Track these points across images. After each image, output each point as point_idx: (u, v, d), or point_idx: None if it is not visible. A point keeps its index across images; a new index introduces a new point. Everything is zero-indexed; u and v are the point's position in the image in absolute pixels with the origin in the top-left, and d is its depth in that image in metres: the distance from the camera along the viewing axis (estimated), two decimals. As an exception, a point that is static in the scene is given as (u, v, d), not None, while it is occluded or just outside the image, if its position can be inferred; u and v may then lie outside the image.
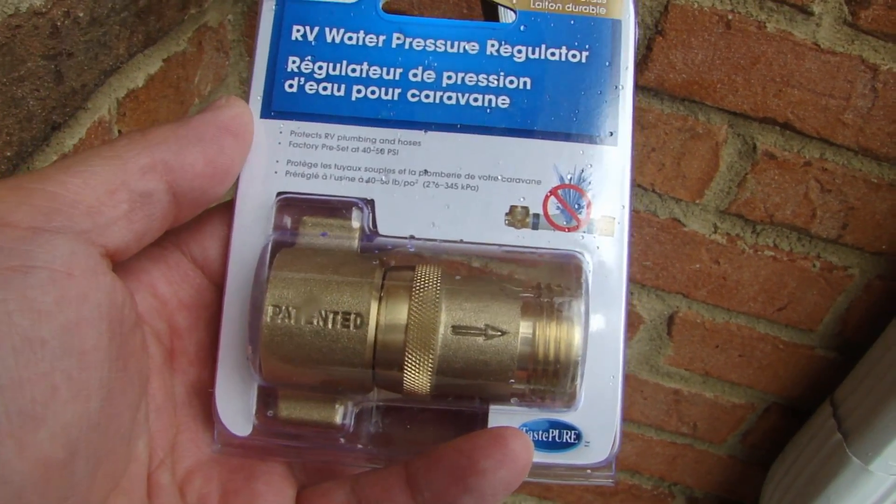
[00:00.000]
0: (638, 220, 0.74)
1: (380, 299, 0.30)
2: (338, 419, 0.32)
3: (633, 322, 0.82)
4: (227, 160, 0.30)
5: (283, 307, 0.29)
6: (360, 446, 0.33)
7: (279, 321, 0.29)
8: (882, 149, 0.66)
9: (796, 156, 0.68)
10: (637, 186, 0.71)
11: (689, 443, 0.93)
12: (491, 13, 0.40)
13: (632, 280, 0.78)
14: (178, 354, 0.33)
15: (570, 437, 0.32)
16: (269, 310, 0.29)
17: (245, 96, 0.34)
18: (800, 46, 0.62)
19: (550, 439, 0.32)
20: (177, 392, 0.32)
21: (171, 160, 0.29)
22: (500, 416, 0.32)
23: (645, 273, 0.77)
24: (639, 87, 0.66)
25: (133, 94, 0.52)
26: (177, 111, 0.60)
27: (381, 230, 0.33)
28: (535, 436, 0.32)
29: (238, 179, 0.33)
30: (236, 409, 0.32)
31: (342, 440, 0.32)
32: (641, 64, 0.64)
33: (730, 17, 0.61)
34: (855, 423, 0.74)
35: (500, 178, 0.33)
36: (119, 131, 0.51)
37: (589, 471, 0.32)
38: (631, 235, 0.33)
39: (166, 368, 0.32)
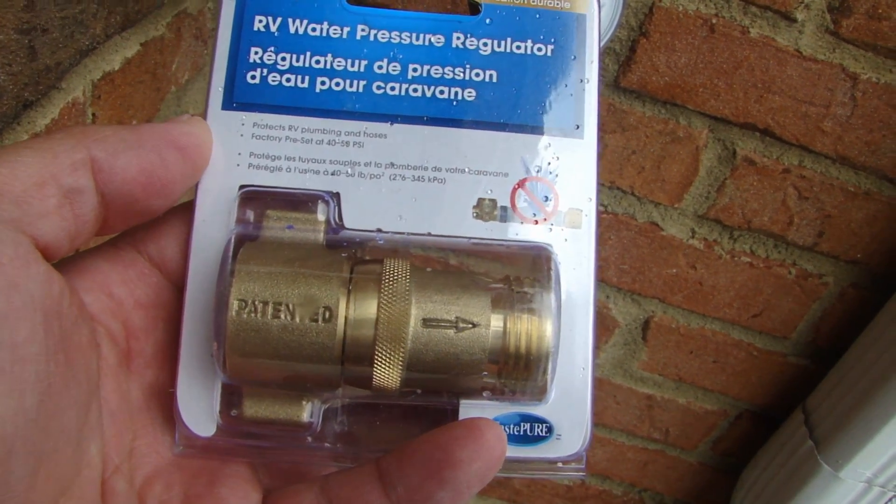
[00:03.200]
0: (616, 223, 0.73)
1: (348, 293, 0.29)
2: (304, 417, 0.31)
3: (608, 326, 0.82)
4: (166, 174, 0.29)
5: (249, 301, 0.28)
6: (327, 445, 0.32)
7: (245, 316, 0.28)
8: (860, 158, 0.66)
9: (775, 162, 0.68)
10: (616, 189, 0.71)
11: (660, 448, 0.93)
12: (475, 9, 0.40)
13: (608, 284, 0.78)
14: (134, 356, 0.31)
15: (542, 431, 0.32)
16: (235, 304, 0.28)
17: (208, 80, 0.33)
18: (782, 53, 0.62)
19: (522, 433, 0.32)
20: (133, 395, 0.31)
21: (103, 160, 0.27)
22: (471, 411, 0.32)
23: (622, 276, 0.77)
24: (621, 89, 0.66)
25: (109, 77, 0.50)
26: (153, 98, 0.59)
27: (347, 224, 0.32)
28: (507, 430, 0.31)
29: None
30: (199, 409, 0.31)
31: (309, 439, 0.32)
32: (624, 65, 0.64)
33: (714, 21, 0.61)
34: (826, 431, 0.75)
35: (467, 170, 0.33)
36: (93, 114, 0.50)
37: (560, 464, 0.32)
38: (598, 228, 0.33)
39: (121, 370, 0.30)
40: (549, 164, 0.33)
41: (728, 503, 0.92)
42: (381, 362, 0.29)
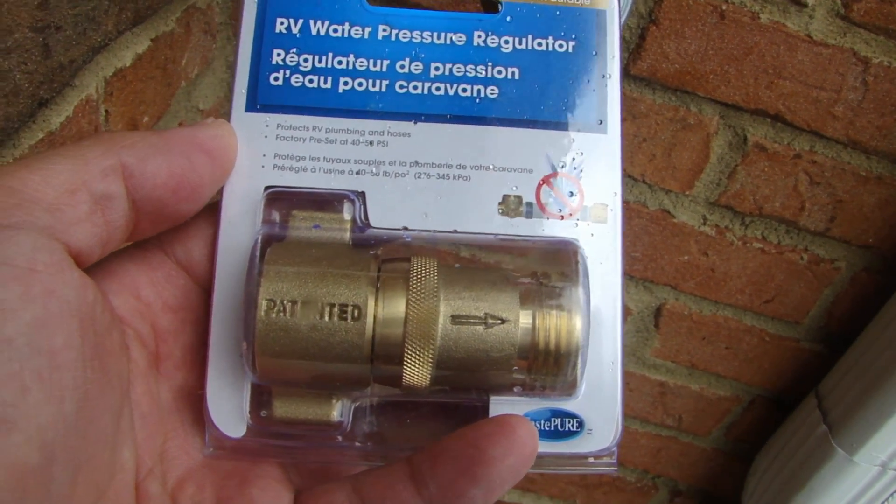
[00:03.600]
0: (628, 211, 0.73)
1: (377, 291, 0.29)
2: (335, 416, 0.31)
3: (620, 314, 0.82)
4: (195, 178, 0.29)
5: (278, 301, 0.29)
6: (357, 444, 0.32)
7: (274, 315, 0.28)
8: (871, 142, 0.66)
9: (786, 148, 0.68)
10: (627, 177, 0.71)
11: (673, 435, 0.94)
12: (491, 7, 0.40)
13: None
14: (163, 358, 0.31)
15: (573, 426, 0.32)
16: (264, 304, 0.28)
17: (231, 83, 0.33)
18: (792, 38, 0.62)
19: (553, 428, 0.32)
20: (163, 397, 0.31)
21: (133, 165, 0.28)
22: (502, 407, 0.32)
23: (633, 264, 0.77)
24: (631, 77, 0.65)
25: (120, 74, 0.50)
26: (164, 93, 0.59)
27: (372, 222, 0.32)
28: (538, 425, 0.32)
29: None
30: (229, 410, 0.31)
31: (339, 438, 0.32)
32: (634, 53, 0.64)
33: (724, 7, 0.61)
34: (840, 415, 0.75)
35: (491, 167, 0.33)
36: (106, 111, 0.50)
37: (592, 459, 0.32)
38: (623, 222, 0.33)
39: (151, 373, 0.31)
40: (574, 159, 0.33)
41: (741, 489, 0.92)
42: (410, 360, 0.29)
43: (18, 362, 0.23)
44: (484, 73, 0.34)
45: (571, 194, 0.33)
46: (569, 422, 0.32)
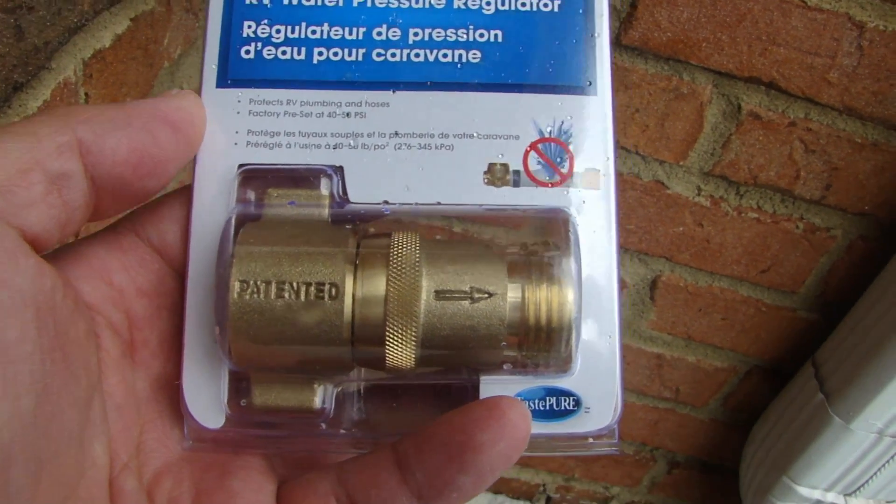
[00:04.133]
0: (621, 183, 0.73)
1: (355, 268, 0.28)
2: (316, 402, 0.30)
3: (615, 287, 0.82)
4: (158, 152, 0.27)
5: (251, 282, 0.27)
6: (342, 431, 0.31)
7: (247, 297, 0.27)
8: (867, 108, 0.65)
9: (781, 116, 0.67)
10: (620, 148, 0.70)
11: (671, 407, 0.94)
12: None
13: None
14: (138, 347, 0.30)
15: (569, 404, 0.30)
16: (236, 285, 0.27)
17: (201, 58, 0.31)
18: (786, 3, 0.60)
19: (548, 408, 0.30)
20: (139, 387, 0.29)
21: (90, 141, 0.26)
22: (493, 387, 0.30)
23: (628, 237, 0.77)
24: (622, 47, 0.64)
25: (100, 55, 0.49)
26: (146, 74, 0.58)
27: (352, 197, 0.31)
28: (532, 405, 0.30)
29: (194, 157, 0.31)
30: (206, 401, 0.30)
31: (323, 426, 0.31)
32: (625, 22, 0.63)
33: (716, -28, 0.59)
34: (837, 384, 0.75)
35: (475, 135, 0.32)
36: (86, 94, 0.49)
37: (591, 440, 0.31)
38: (617, 187, 0.32)
39: (125, 362, 0.29)
40: (563, 123, 0.32)
41: (739, 458, 0.93)
42: (393, 340, 0.27)
43: None
44: (465, 36, 0.32)
45: (561, 160, 0.32)
46: (565, 400, 0.30)
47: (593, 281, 0.31)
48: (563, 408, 0.30)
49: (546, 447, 0.31)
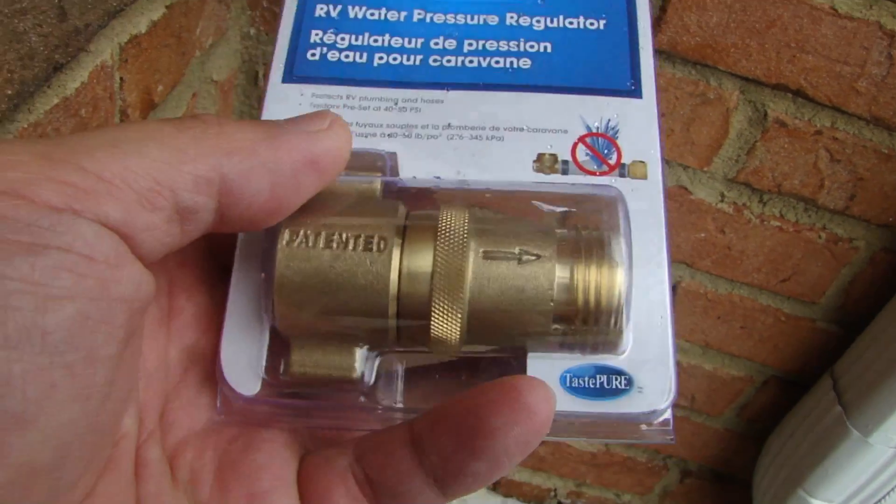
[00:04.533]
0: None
1: (404, 229, 0.28)
2: (357, 369, 0.29)
3: (634, 292, 0.82)
4: (296, 198, 0.26)
5: (301, 231, 0.27)
6: (383, 405, 0.30)
7: (296, 245, 0.27)
8: (894, 119, 0.65)
9: (807, 124, 0.67)
10: (645, 153, 0.70)
11: (685, 415, 0.93)
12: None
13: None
14: (175, 314, 0.29)
15: (621, 383, 0.29)
16: (286, 233, 0.27)
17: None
18: (817, 10, 0.60)
19: (598, 386, 0.29)
20: (171, 356, 0.29)
21: (234, 181, 0.24)
22: (540, 363, 0.29)
23: (649, 242, 0.77)
24: (651, 50, 0.64)
25: (135, 41, 0.50)
26: (178, 62, 0.58)
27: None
28: (581, 382, 0.29)
29: None
30: (244, 366, 0.29)
31: (362, 398, 0.30)
32: (654, 25, 0.63)
33: (747, -22, 0.59)
34: (855, 396, 0.74)
35: (525, 128, 0.33)
36: (121, 78, 0.49)
37: (644, 426, 0.29)
38: (665, 179, 0.32)
39: (161, 331, 0.29)
40: (609, 120, 0.33)
41: (753, 469, 0.92)
42: (440, 297, 0.27)
43: (50, 357, 0.21)
44: (517, 47, 0.34)
45: (608, 152, 0.32)
46: (616, 379, 0.29)
47: (645, 261, 0.30)
48: (613, 386, 0.29)
49: (597, 431, 0.30)
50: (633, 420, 0.29)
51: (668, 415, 0.29)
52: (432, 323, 0.28)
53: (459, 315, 0.27)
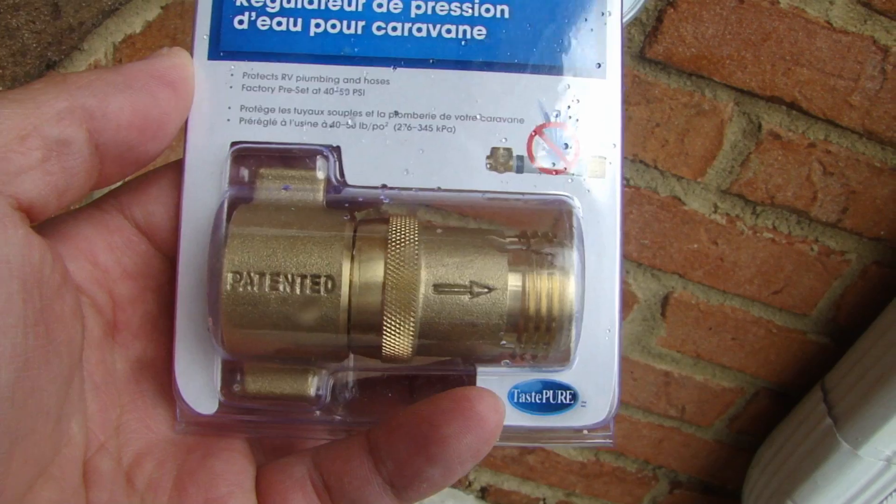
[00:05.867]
0: (638, 197, 0.73)
1: (352, 258, 0.27)
2: (311, 391, 0.29)
3: (627, 302, 0.81)
4: (159, 113, 0.27)
5: (244, 273, 0.27)
6: (338, 417, 0.30)
7: (240, 289, 0.26)
8: (887, 133, 0.65)
9: (801, 137, 0.67)
10: (639, 162, 0.70)
11: (676, 426, 0.93)
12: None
13: (628, 258, 0.77)
14: (120, 327, 0.29)
15: (566, 398, 0.30)
16: (229, 277, 0.26)
17: (192, 28, 0.30)
18: (812, 24, 0.61)
19: (544, 401, 0.30)
20: (118, 368, 0.29)
21: (93, 106, 0.25)
22: (490, 378, 0.30)
23: (642, 251, 0.77)
24: (646, 60, 0.64)
25: (130, 40, 0.49)
26: (172, 64, 0.58)
27: (349, 180, 0.30)
28: (528, 398, 0.30)
29: (185, 131, 0.30)
30: (199, 386, 0.29)
31: (318, 413, 0.30)
32: (651, 36, 0.63)
33: (743, -10, 0.60)
34: (846, 409, 0.74)
35: (478, 117, 0.30)
36: (114, 78, 0.49)
37: (586, 431, 0.30)
38: (623, 176, 0.31)
39: (106, 342, 0.29)
40: (569, 107, 0.31)
41: (742, 481, 0.92)
42: (390, 330, 0.27)
43: None
44: (470, 11, 0.31)
45: (566, 146, 0.30)
46: (561, 394, 0.30)
47: (596, 274, 0.30)
48: (559, 401, 0.30)
49: (541, 438, 0.30)
50: (576, 429, 0.30)
51: (610, 423, 0.30)
52: (384, 348, 0.27)
53: (410, 346, 0.27)
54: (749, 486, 0.89)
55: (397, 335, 0.27)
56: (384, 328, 0.27)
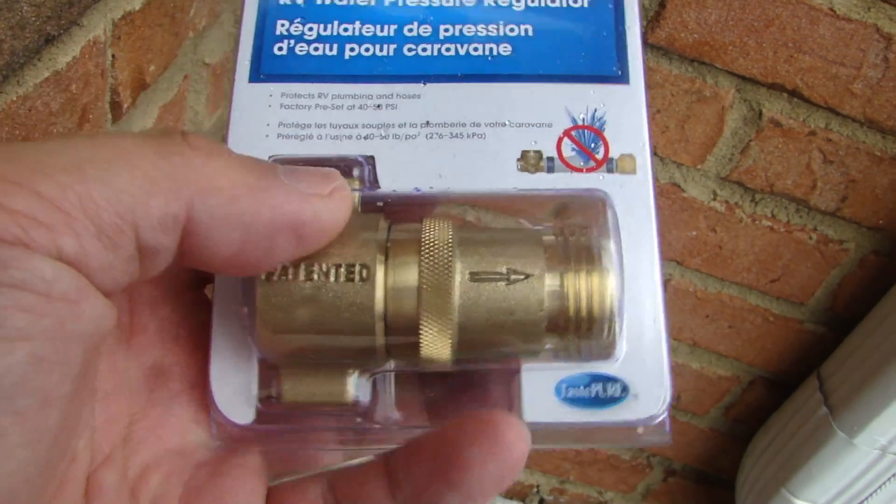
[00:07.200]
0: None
1: (386, 249, 0.27)
2: (350, 394, 0.29)
3: (624, 289, 0.81)
4: (266, 262, 0.25)
5: (279, 264, 0.26)
6: (378, 426, 0.30)
7: (275, 279, 0.26)
8: (888, 122, 0.65)
9: (802, 124, 0.67)
10: (639, 149, 0.70)
11: (671, 414, 0.93)
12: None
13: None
14: (136, 332, 0.28)
15: (616, 391, 0.29)
16: None
17: (234, 56, 0.32)
18: (815, 11, 0.60)
19: (594, 395, 0.29)
20: (131, 375, 0.28)
21: (201, 223, 0.23)
22: (535, 374, 0.29)
23: (641, 239, 0.76)
24: (648, 46, 0.64)
25: (129, 17, 0.49)
26: (171, 43, 0.57)
27: (383, 186, 0.30)
28: (576, 392, 0.29)
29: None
30: (234, 393, 0.29)
31: (358, 420, 0.29)
32: (653, 21, 0.63)
33: (747, -25, 0.59)
34: (841, 398, 0.75)
35: (507, 123, 0.31)
36: (113, 55, 0.48)
37: (640, 430, 0.29)
38: (654, 173, 0.31)
39: (120, 348, 0.27)
40: (596, 111, 0.31)
41: (737, 469, 0.92)
42: (427, 321, 0.26)
43: (1, 402, 0.19)
44: (496, 31, 0.32)
45: (595, 146, 0.31)
46: (611, 387, 0.29)
47: (636, 264, 0.30)
48: (609, 395, 0.29)
49: (594, 438, 0.30)
50: (629, 424, 0.29)
51: (664, 417, 0.29)
52: (421, 344, 0.27)
53: (449, 338, 0.27)
54: (743, 474, 0.89)
55: (435, 325, 0.27)
56: (421, 318, 0.26)
